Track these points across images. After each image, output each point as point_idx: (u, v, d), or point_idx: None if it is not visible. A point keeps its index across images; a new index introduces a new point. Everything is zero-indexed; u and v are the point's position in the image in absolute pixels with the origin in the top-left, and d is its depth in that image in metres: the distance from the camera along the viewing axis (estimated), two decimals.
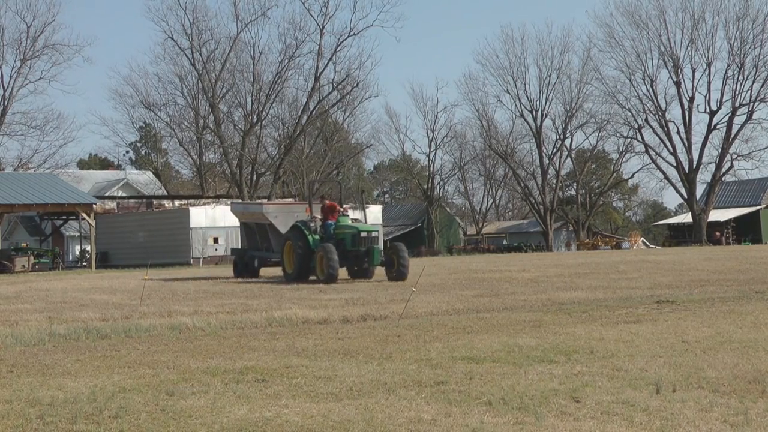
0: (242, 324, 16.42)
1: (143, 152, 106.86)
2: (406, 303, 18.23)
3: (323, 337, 14.10)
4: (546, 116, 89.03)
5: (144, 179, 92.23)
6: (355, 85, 78.26)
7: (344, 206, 31.26)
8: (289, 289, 26.08)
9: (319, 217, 29.81)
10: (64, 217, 62.70)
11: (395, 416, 8.10)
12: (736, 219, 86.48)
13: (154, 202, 71.08)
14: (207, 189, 77.15)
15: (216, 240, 58.39)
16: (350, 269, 30.29)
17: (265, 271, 34.55)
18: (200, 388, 9.58)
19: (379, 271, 30.11)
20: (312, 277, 28.96)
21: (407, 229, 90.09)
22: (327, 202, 30.80)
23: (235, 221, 60.39)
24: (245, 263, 33.95)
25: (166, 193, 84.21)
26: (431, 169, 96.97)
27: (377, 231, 30.03)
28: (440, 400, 8.74)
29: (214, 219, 58.58)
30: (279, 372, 10.56)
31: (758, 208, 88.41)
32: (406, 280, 27.47)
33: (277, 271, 32.85)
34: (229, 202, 62.01)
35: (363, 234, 29.07)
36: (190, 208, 59.64)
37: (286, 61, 74.63)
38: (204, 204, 63.31)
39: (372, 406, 8.51)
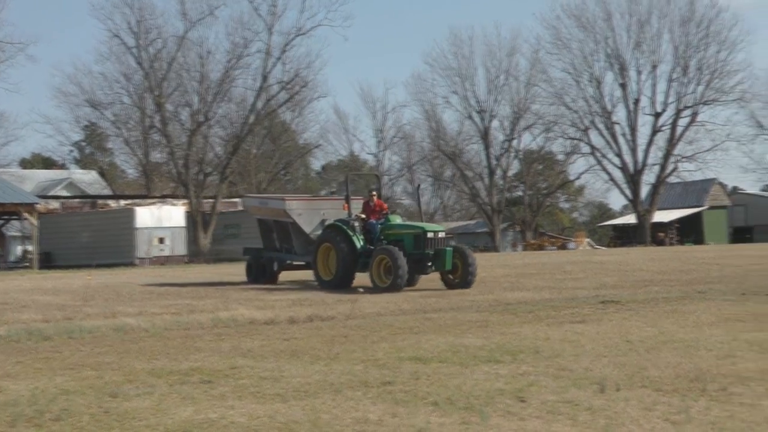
0: (188, 325, 16.32)
1: (88, 151, 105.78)
2: (353, 303, 18.22)
3: (270, 337, 14.05)
4: (494, 117, 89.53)
5: (88, 179, 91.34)
6: (303, 85, 78.07)
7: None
8: (235, 289, 25.99)
9: (361, 215, 26.16)
10: (6, 216, 61.91)
11: (341, 417, 8.09)
12: (680, 220, 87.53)
13: (99, 201, 70.38)
14: (153, 189, 76.56)
15: (162, 240, 57.96)
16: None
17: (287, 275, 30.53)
18: (144, 390, 9.50)
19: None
20: (358, 286, 24.80)
21: None
22: (376, 199, 26.76)
23: (181, 221, 60.65)
24: (262, 266, 29.82)
25: (111, 193, 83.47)
26: (379, 169, 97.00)
27: (444, 231, 26.21)
28: (387, 401, 8.74)
29: (159, 219, 58.15)
30: (225, 373, 10.50)
31: (701, 209, 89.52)
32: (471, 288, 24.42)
33: (299, 275, 30.06)
34: (173, 202, 61.71)
35: (430, 234, 25.05)
36: (136, 208, 59.09)
37: (234, 60, 74.25)
38: (150, 204, 62.81)
39: (318, 407, 8.49)
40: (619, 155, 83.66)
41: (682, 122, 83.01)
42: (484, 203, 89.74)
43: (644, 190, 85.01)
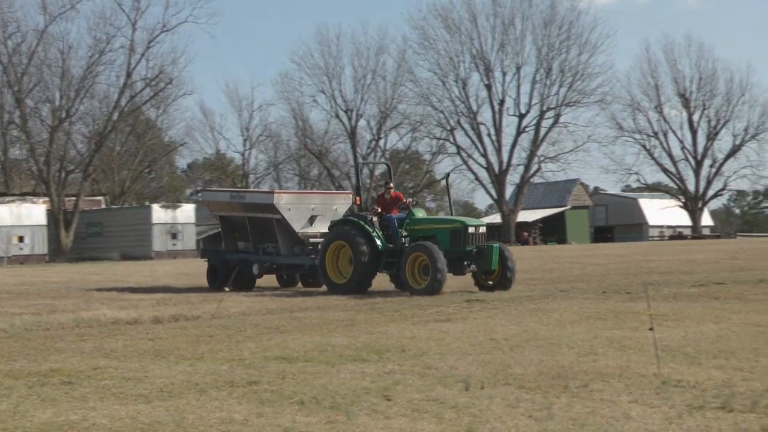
0: (48, 325, 15.92)
1: None
2: (218, 303, 18.05)
3: (133, 337, 13.81)
4: (361, 117, 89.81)
5: None
6: (168, 82, 77.03)
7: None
8: (97, 289, 25.48)
9: (377, 209, 23.09)
10: None
11: (206, 417, 7.99)
12: (543, 219, 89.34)
13: None
14: (12, 186, 74.56)
15: (21, 239, 56.56)
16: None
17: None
18: (2, 392, 9.23)
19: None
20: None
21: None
22: (393, 191, 23.60)
23: (41, 219, 59.31)
24: (232, 269, 25.38)
25: None
26: (246, 167, 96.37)
27: (485, 226, 23.10)
28: (252, 400, 8.68)
29: (19, 217, 56.72)
30: (86, 374, 10.28)
31: (564, 209, 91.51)
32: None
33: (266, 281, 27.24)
34: (34, 200, 60.13)
35: (471, 229, 22.11)
36: None
37: (97, 56, 72.84)
38: (9, 202, 61.20)
39: (182, 407, 8.37)
40: (484, 155, 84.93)
41: (546, 123, 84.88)
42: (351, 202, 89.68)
43: (509, 190, 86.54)
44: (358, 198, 24.25)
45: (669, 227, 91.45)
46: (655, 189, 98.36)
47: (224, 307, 18.05)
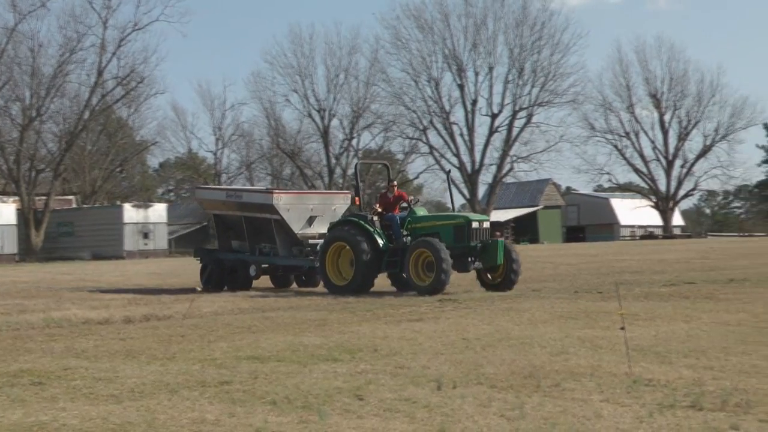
0: (18, 325, 15.82)
1: None
2: (190, 303, 18.00)
3: (104, 337, 13.74)
4: (333, 116, 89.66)
5: None
6: (140, 80, 76.67)
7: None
8: (68, 289, 25.34)
9: (377, 208, 22.77)
10: None
11: (178, 417, 7.96)
12: (516, 219, 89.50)
13: None
14: None
15: None
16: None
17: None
18: None
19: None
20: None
21: (193, 228, 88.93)
22: (396, 190, 23.31)
23: (11, 219, 58.86)
24: (227, 270, 25.27)
25: None
26: (218, 167, 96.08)
27: (489, 221, 22.88)
28: (224, 400, 8.65)
29: None
30: (57, 374, 10.22)
31: (536, 208, 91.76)
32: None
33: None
34: (4, 199, 59.65)
35: (475, 225, 21.77)
36: None
37: (67, 54, 72.35)
38: None
39: (154, 408, 8.34)
40: (456, 155, 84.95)
41: (518, 123, 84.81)
42: None
43: (481, 190, 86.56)
44: (357, 198, 23.71)
45: (640, 227, 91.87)
46: (626, 189, 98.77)
47: (196, 307, 17.99)
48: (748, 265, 29.28)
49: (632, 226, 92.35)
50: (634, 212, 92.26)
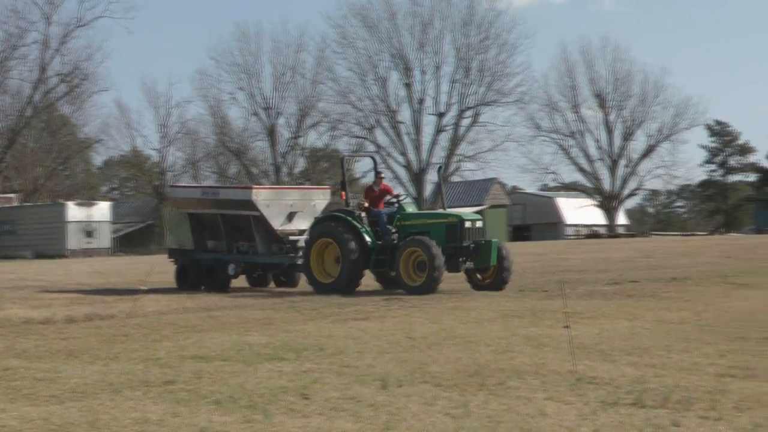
0: None
1: None
2: (134, 302, 17.86)
3: (46, 337, 13.59)
4: (280, 114, 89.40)
5: None
6: (83, 77, 75.96)
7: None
8: (9, 288, 25.01)
9: (364, 203, 21.96)
10: None
11: (121, 417, 7.89)
12: None
13: None
14: None
15: None
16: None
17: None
18: None
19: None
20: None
21: (137, 227, 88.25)
22: (383, 183, 22.61)
23: None
24: (204, 270, 24.23)
25: None
26: (163, 165, 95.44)
27: (482, 220, 22.35)
28: (168, 400, 8.59)
29: None
30: None
31: (482, 207, 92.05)
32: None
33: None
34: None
35: (467, 224, 21.09)
36: None
37: (9, 50, 71.59)
38: None
39: (96, 408, 8.26)
40: (403, 154, 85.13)
41: (465, 122, 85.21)
42: None
43: (428, 189, 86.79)
44: (343, 193, 22.33)
45: (585, 226, 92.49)
46: (571, 188, 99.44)
47: (140, 306, 17.86)
48: (690, 264, 29.61)
49: (577, 225, 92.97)
50: (579, 211, 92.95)
